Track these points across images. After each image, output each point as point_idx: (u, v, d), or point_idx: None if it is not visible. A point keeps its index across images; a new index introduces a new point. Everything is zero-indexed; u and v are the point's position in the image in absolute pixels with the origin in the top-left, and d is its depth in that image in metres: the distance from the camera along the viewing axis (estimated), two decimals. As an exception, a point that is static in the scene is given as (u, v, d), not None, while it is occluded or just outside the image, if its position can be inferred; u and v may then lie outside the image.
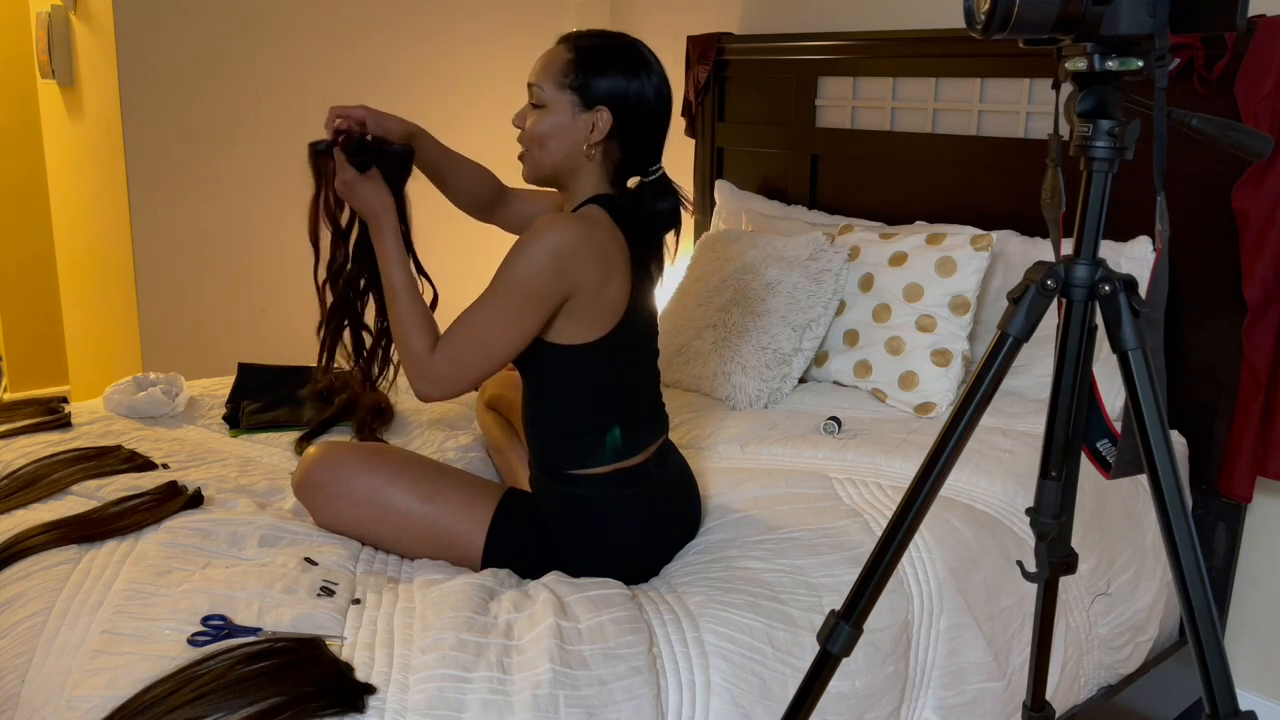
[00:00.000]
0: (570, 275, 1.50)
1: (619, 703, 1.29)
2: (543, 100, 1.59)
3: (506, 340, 1.52)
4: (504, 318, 1.50)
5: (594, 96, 1.57)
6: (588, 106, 1.57)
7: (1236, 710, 1.05)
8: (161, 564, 1.50)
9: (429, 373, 1.52)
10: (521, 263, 1.49)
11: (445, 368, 1.52)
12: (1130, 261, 2.19)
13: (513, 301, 1.50)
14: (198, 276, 2.89)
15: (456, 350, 1.52)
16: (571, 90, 1.57)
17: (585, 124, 1.58)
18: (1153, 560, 2.04)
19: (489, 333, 1.51)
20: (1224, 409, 2.17)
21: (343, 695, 1.21)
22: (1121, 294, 1.09)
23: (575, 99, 1.57)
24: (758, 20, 3.10)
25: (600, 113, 1.57)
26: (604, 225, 1.56)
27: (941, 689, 1.65)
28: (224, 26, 2.81)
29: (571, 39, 1.60)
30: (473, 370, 1.53)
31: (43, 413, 2.10)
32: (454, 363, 1.52)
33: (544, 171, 1.63)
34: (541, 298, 1.50)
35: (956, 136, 2.57)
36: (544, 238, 1.49)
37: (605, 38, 1.60)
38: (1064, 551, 1.28)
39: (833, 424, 2.13)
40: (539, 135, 1.60)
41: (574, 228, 1.51)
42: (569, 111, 1.58)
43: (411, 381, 1.54)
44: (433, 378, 1.52)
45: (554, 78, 1.58)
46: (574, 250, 1.50)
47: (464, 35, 3.24)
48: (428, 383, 1.53)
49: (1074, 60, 1.08)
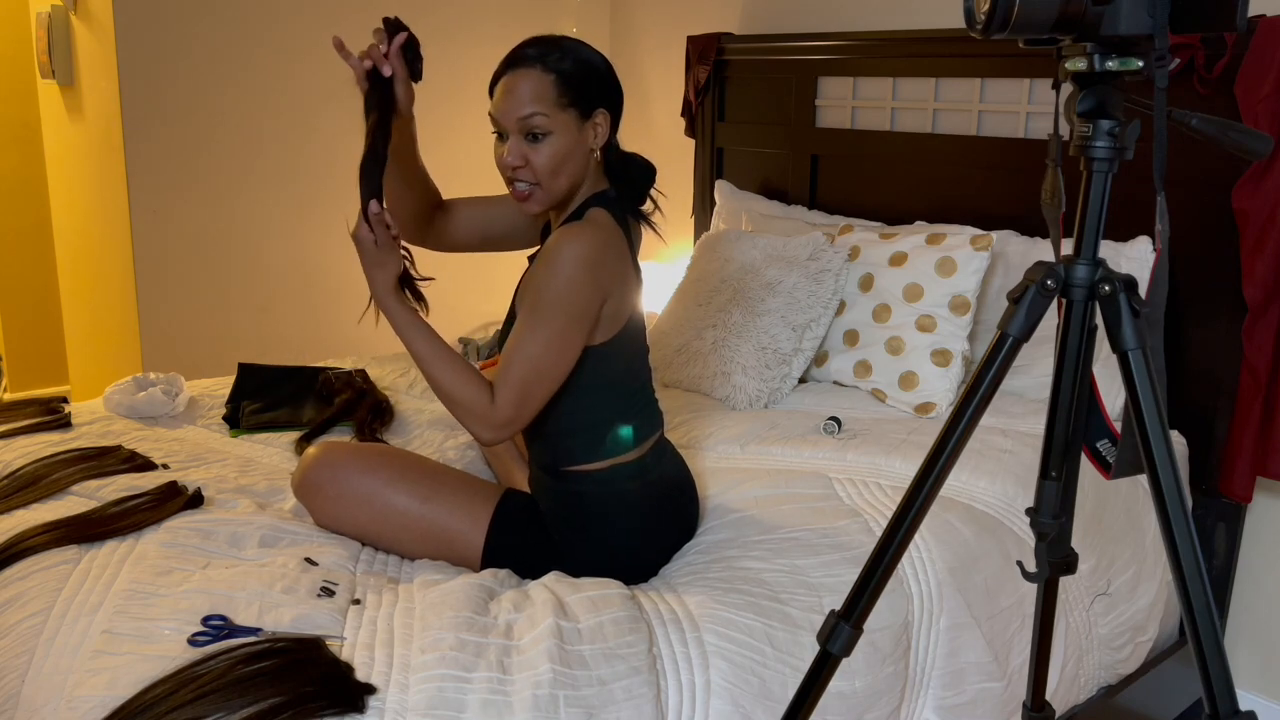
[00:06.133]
0: (602, 284, 1.51)
1: (619, 703, 1.29)
2: (547, 128, 1.53)
3: (563, 363, 1.51)
4: (557, 342, 1.49)
5: (590, 103, 1.56)
6: (587, 115, 1.56)
7: (1236, 710, 1.05)
8: (162, 564, 1.50)
9: (496, 420, 1.49)
10: (559, 284, 1.48)
11: (512, 410, 1.49)
12: (1130, 261, 2.19)
13: (559, 324, 1.49)
14: (198, 276, 2.89)
15: (519, 391, 1.49)
16: (572, 107, 1.54)
17: (590, 133, 1.57)
18: (1153, 560, 2.04)
19: (545, 361, 1.49)
20: (1224, 409, 2.17)
21: (343, 695, 1.21)
22: (1121, 294, 1.09)
23: (575, 114, 1.55)
24: (758, 20, 3.10)
25: (599, 115, 1.57)
26: (611, 227, 1.56)
27: (941, 689, 1.66)
28: (224, 26, 2.81)
29: (535, 61, 1.53)
30: (537, 402, 1.51)
31: (43, 413, 2.10)
32: (521, 404, 1.49)
33: (560, 197, 1.60)
34: (584, 312, 1.50)
35: (956, 136, 2.57)
36: (573, 252, 1.48)
37: (559, 44, 1.56)
38: (1064, 551, 1.28)
39: (833, 424, 2.13)
40: (554, 164, 1.54)
41: (597, 237, 1.51)
42: (574, 129, 1.55)
43: (478, 434, 1.50)
44: (501, 423, 1.49)
45: (550, 102, 1.53)
46: (602, 258, 1.50)
47: (464, 37, 3.24)
48: (496, 430, 1.49)
49: (1074, 60, 1.08)
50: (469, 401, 1.49)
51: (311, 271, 3.07)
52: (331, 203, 3.07)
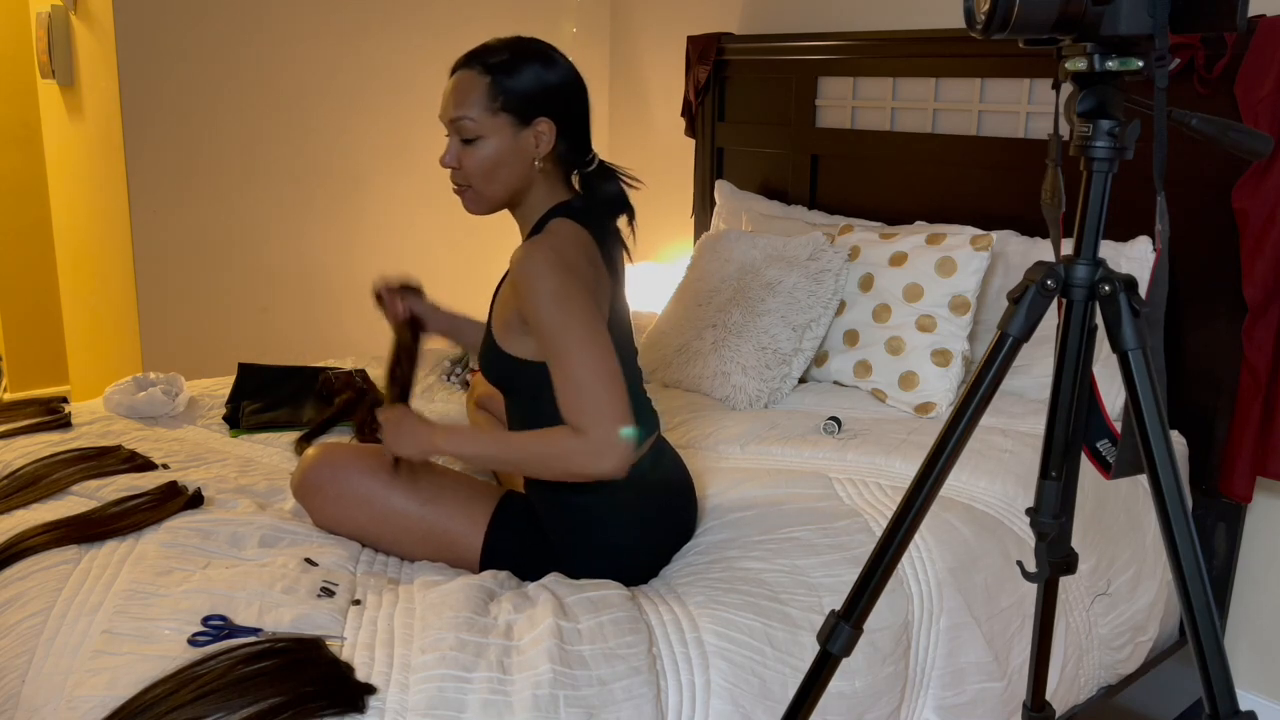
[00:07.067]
0: (580, 273, 1.49)
1: (619, 703, 1.29)
2: (475, 132, 1.52)
3: (609, 360, 1.46)
4: (592, 347, 1.45)
5: (529, 109, 1.53)
6: (525, 122, 1.53)
7: (1236, 710, 1.05)
8: (162, 564, 1.50)
9: (598, 445, 1.43)
10: (548, 299, 1.45)
11: (600, 430, 1.43)
12: (1130, 261, 2.19)
13: (580, 330, 1.45)
14: (198, 276, 2.89)
15: (592, 411, 1.44)
16: (505, 112, 1.52)
17: (529, 140, 1.54)
18: (1153, 560, 2.04)
19: (595, 368, 1.44)
20: (1224, 409, 2.17)
21: (343, 695, 1.21)
22: (1121, 294, 1.09)
23: (510, 118, 1.52)
24: (758, 20, 3.10)
25: (540, 123, 1.53)
26: (571, 235, 1.54)
27: (941, 689, 1.66)
28: (224, 26, 2.81)
29: (474, 62, 1.54)
30: (617, 407, 1.45)
31: (43, 413, 2.10)
32: (601, 420, 1.43)
33: (496, 202, 1.59)
34: (588, 306, 1.47)
35: (956, 136, 2.57)
36: (540, 265, 1.46)
37: (509, 46, 1.55)
38: (1064, 551, 1.28)
39: (833, 424, 2.13)
40: (484, 168, 1.54)
41: (557, 244, 1.49)
42: (508, 134, 1.53)
43: (598, 468, 1.44)
44: (606, 444, 1.43)
45: (480, 104, 1.51)
46: (570, 262, 1.49)
47: (465, 37, 3.24)
48: (609, 451, 1.43)
49: (1074, 60, 1.08)
50: (561, 451, 1.45)
51: (312, 271, 3.07)
52: (332, 203, 3.07)
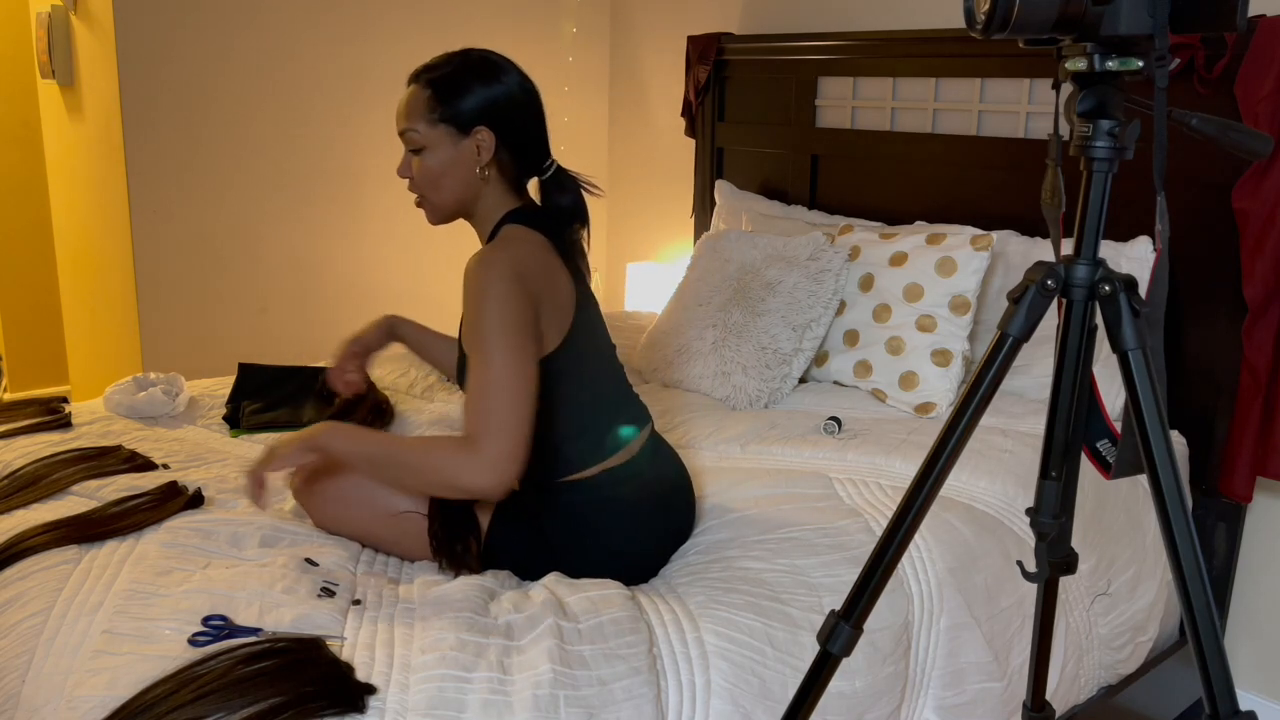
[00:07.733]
0: (529, 287, 1.49)
1: (619, 703, 1.29)
2: (420, 143, 1.57)
3: (525, 379, 1.44)
4: (510, 359, 1.44)
5: (467, 119, 1.56)
6: (465, 132, 1.56)
7: (1236, 710, 1.05)
8: (162, 564, 1.50)
9: (483, 461, 1.39)
10: (487, 307, 1.45)
11: (495, 445, 1.39)
12: (1130, 261, 2.19)
13: (502, 342, 1.44)
14: (198, 276, 2.89)
15: (491, 422, 1.40)
16: (443, 123, 1.56)
17: (469, 149, 1.57)
18: (1153, 560, 2.05)
19: (505, 381, 1.42)
20: (1224, 409, 2.17)
21: (343, 695, 1.21)
22: (1121, 294, 1.09)
23: (449, 129, 1.56)
24: (758, 20, 3.10)
25: (479, 133, 1.56)
26: (525, 238, 1.55)
27: (941, 689, 1.66)
28: (224, 26, 2.81)
29: (420, 76, 1.59)
30: (517, 427, 1.41)
31: (43, 413, 2.10)
32: (500, 433, 1.39)
33: (447, 210, 1.62)
34: (524, 321, 1.47)
35: (956, 136, 2.57)
36: (486, 274, 1.46)
37: (451, 60, 1.59)
38: (1064, 551, 1.28)
39: (833, 424, 2.13)
40: (430, 178, 1.58)
41: (507, 251, 1.50)
42: (449, 144, 1.57)
43: (476, 484, 1.39)
44: (491, 461, 1.39)
45: (422, 117, 1.56)
46: (521, 270, 1.49)
47: (465, 38, 3.24)
48: (490, 468, 1.39)
49: (1074, 60, 1.08)
50: (441, 459, 1.40)
51: (311, 271, 3.07)
52: (332, 203, 3.07)
